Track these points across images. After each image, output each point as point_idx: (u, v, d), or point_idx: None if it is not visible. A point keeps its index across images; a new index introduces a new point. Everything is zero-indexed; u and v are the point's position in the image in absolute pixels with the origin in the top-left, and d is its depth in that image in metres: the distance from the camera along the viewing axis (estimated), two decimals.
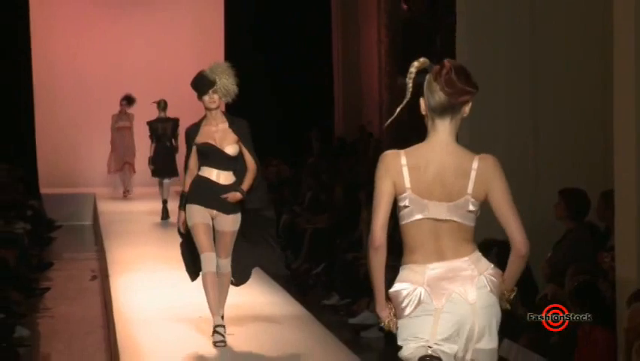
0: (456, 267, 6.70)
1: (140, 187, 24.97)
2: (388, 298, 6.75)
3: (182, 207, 11.69)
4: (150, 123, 22.42)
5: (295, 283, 16.87)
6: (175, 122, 22.17)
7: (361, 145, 22.81)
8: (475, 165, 6.68)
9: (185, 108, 20.56)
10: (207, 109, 11.65)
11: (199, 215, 11.50)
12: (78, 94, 26.58)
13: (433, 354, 6.57)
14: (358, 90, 24.83)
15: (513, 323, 11.46)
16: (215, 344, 11.26)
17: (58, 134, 26.21)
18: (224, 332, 11.40)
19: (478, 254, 6.80)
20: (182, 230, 11.76)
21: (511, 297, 6.89)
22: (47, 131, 25.79)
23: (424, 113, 6.83)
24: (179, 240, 12.06)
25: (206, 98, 11.55)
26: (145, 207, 23.29)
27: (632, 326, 9.58)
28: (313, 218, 18.81)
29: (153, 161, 22.17)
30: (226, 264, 11.64)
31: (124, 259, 17.67)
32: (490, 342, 6.76)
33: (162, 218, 22.03)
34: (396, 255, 6.78)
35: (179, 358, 11.43)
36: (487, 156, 6.75)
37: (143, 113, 23.53)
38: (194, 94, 23.82)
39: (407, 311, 6.63)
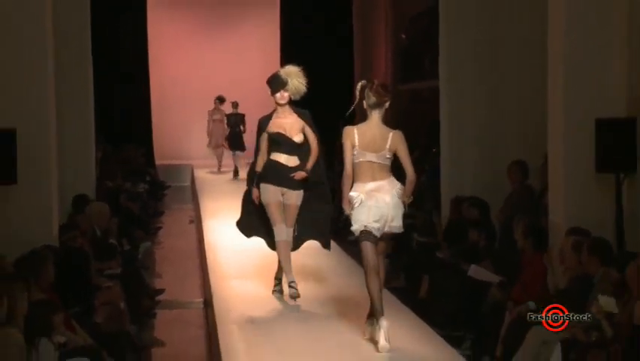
0: (381, 185, 8.70)
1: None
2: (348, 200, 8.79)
3: (257, 185, 10.35)
4: (227, 115, 23.76)
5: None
6: (242, 116, 23.23)
7: None
8: (390, 135, 8.75)
9: (250, 105, 21.67)
10: (278, 104, 10.30)
11: (272, 194, 10.23)
12: (180, 95, 26.57)
13: (367, 229, 8.64)
14: None
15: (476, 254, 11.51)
16: (290, 296, 10.18)
17: (167, 123, 26.21)
18: (297, 286, 10.20)
19: (393, 178, 8.77)
20: (256, 203, 10.39)
21: (409, 201, 8.81)
22: (160, 121, 25.78)
23: (365, 108, 8.89)
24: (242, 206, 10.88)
25: (277, 95, 10.23)
26: (224, 174, 23.46)
27: (561, 251, 9.60)
28: (341, 181, 18.80)
29: (228, 140, 23.56)
30: (289, 232, 10.35)
31: (212, 208, 17.80)
32: (397, 222, 8.73)
33: (234, 177, 22.76)
34: None
35: (252, 274, 11.53)
36: (397, 131, 8.82)
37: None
38: (258, 97, 23.71)
39: (355, 205, 8.67)
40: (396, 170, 8.79)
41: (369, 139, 8.72)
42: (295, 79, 10.28)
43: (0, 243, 10.34)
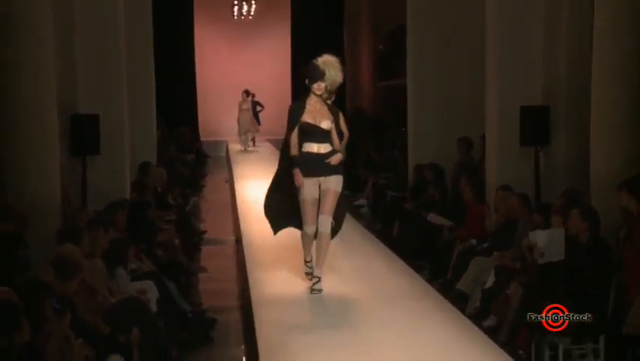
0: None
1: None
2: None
3: (294, 167, 7.76)
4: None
5: None
6: (258, 102, 23.42)
7: (358, 118, 22.54)
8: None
9: (266, 96, 22.78)
10: (313, 93, 7.81)
11: (309, 191, 7.72)
12: (218, 88, 26.58)
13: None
14: (358, 90, 24.75)
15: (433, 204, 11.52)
16: (312, 292, 7.85)
17: (208, 110, 26.16)
18: (318, 283, 7.87)
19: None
20: (298, 184, 7.73)
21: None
22: (203, 108, 25.77)
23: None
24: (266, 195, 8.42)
25: (314, 85, 7.76)
26: (249, 152, 23.46)
27: (494, 202, 9.64)
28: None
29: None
30: (326, 221, 7.75)
31: (241, 172, 17.87)
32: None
33: (253, 145, 23.21)
34: None
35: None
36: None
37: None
38: (272, 90, 23.38)
39: None
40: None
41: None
42: (332, 70, 7.87)
43: (89, 197, 10.44)
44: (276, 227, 8.27)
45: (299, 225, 8.02)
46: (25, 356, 4.79)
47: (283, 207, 8.11)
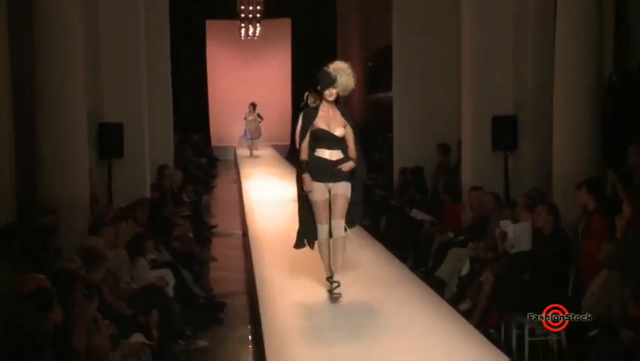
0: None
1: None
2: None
3: (304, 172, 6.74)
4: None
5: None
6: (259, 114, 22.81)
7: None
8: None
9: (270, 108, 22.74)
10: (325, 100, 6.83)
11: (319, 193, 6.69)
12: (227, 101, 26.53)
13: None
14: (349, 102, 24.62)
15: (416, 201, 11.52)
16: (332, 297, 6.79)
17: (218, 119, 26.16)
18: (338, 288, 6.80)
19: None
20: (307, 190, 6.74)
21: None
22: (214, 117, 25.80)
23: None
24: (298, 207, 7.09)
25: (326, 92, 6.77)
26: (257, 153, 23.39)
27: (468, 200, 9.65)
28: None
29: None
30: (340, 226, 6.73)
31: (247, 173, 17.77)
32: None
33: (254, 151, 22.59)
34: None
35: (275, 215, 11.32)
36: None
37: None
38: (275, 103, 23.06)
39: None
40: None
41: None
42: (344, 75, 6.92)
43: (114, 196, 10.45)
44: (299, 244, 7.18)
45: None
46: (58, 336, 4.80)
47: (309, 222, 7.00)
